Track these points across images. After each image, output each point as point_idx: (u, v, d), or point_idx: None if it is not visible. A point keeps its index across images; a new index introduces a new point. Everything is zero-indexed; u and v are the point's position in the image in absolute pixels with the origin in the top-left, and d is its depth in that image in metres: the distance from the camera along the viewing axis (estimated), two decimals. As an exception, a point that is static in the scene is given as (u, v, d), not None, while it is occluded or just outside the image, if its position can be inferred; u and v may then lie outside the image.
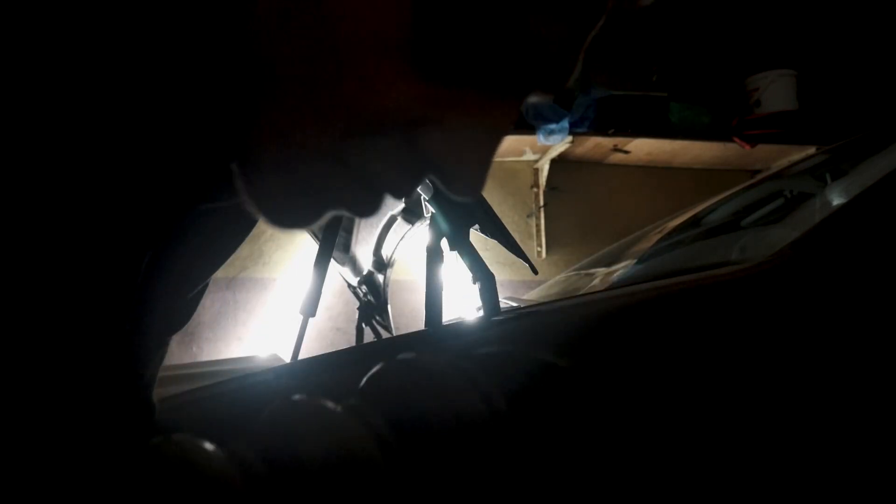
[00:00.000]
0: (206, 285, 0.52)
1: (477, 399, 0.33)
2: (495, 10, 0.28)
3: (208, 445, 0.29)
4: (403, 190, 0.32)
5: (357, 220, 1.13)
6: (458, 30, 0.28)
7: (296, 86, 0.28)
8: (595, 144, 2.89)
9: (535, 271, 0.86)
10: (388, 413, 0.32)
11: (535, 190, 3.03)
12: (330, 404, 0.32)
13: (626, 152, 2.97)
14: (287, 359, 1.18)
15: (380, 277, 1.21)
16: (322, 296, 1.04)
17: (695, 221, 1.39)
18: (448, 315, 0.75)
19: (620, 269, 1.30)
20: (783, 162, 2.95)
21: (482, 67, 0.29)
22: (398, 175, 0.31)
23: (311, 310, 1.04)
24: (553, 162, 2.94)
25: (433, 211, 0.77)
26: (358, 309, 1.28)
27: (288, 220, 0.32)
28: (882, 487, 0.56)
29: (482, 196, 0.78)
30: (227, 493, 0.28)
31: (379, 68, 0.28)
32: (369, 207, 0.32)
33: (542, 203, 2.99)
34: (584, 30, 0.31)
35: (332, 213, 0.32)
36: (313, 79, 0.27)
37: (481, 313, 0.71)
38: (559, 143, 2.77)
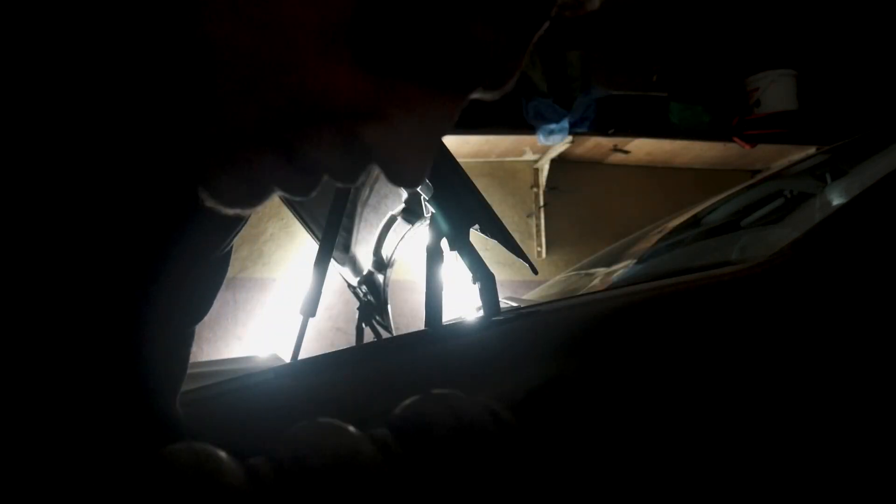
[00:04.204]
0: (222, 272, 0.52)
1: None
2: (436, 11, 0.29)
3: (225, 458, 0.29)
4: (348, 177, 0.33)
5: (357, 220, 1.13)
6: (399, 26, 0.29)
7: (241, 70, 0.28)
8: (595, 144, 2.89)
9: (535, 271, 0.86)
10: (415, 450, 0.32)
11: (535, 190, 3.03)
12: (357, 434, 0.32)
13: (626, 152, 2.97)
14: (287, 359, 1.18)
15: (380, 277, 1.21)
16: (322, 296, 1.04)
17: (695, 221, 1.39)
18: (448, 315, 0.75)
19: (620, 269, 1.30)
20: (783, 162, 2.95)
21: (423, 64, 0.30)
22: (342, 164, 0.32)
23: (311, 310, 1.04)
24: (553, 162, 2.94)
25: (433, 211, 0.77)
26: (358, 309, 1.28)
27: (231, 200, 0.33)
28: (882, 487, 0.56)
29: (482, 196, 0.78)
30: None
31: (319, 57, 0.29)
32: (308, 190, 0.34)
33: (542, 203, 2.99)
34: (526, 34, 0.32)
35: (273, 194, 0.34)
36: (257, 65, 0.28)
37: (481, 313, 0.71)
38: (559, 143, 2.77)
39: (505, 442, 0.33)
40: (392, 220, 1.07)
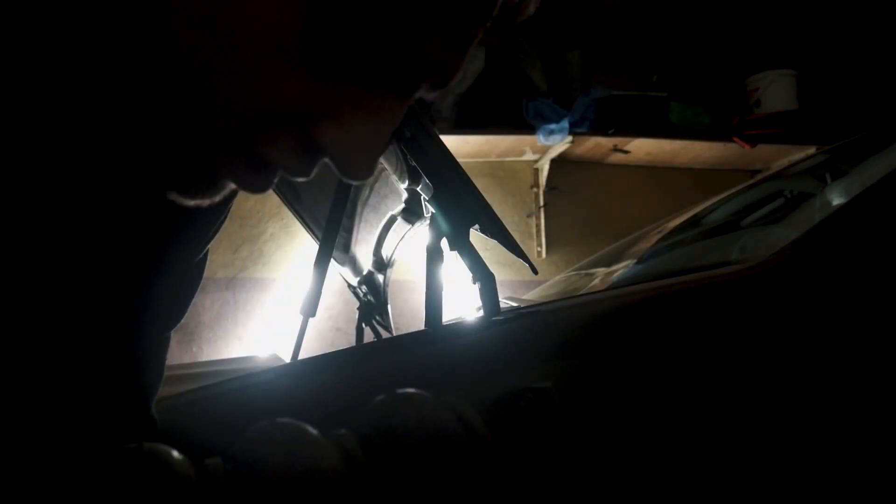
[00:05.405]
0: (198, 278, 0.52)
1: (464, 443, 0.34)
2: (381, 21, 0.31)
3: (178, 458, 0.30)
4: (302, 173, 0.35)
5: (357, 220, 1.13)
6: (346, 35, 0.31)
7: (206, 77, 0.31)
8: (595, 144, 2.89)
9: (535, 271, 0.86)
10: (370, 440, 0.33)
11: (535, 190, 3.03)
12: (314, 433, 0.32)
13: (626, 152, 2.97)
14: (287, 359, 1.18)
15: (380, 277, 1.21)
16: (322, 296, 1.04)
17: (695, 221, 1.39)
18: (448, 315, 0.75)
19: (620, 269, 1.30)
20: (783, 162, 2.95)
21: (370, 69, 0.33)
22: (296, 161, 0.35)
23: (311, 310, 1.04)
24: (553, 162, 2.94)
25: (433, 211, 0.77)
26: (358, 309, 1.28)
27: (191, 193, 0.35)
28: (882, 487, 0.56)
29: (482, 196, 0.78)
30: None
31: (274, 65, 0.31)
32: (265, 186, 0.36)
33: (542, 203, 2.98)
34: (465, 39, 0.35)
35: (229, 189, 0.36)
36: (220, 72, 0.30)
37: (481, 313, 0.71)
38: (559, 143, 2.77)
39: (475, 454, 0.33)
40: (392, 220, 1.07)
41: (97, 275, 0.40)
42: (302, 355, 1.13)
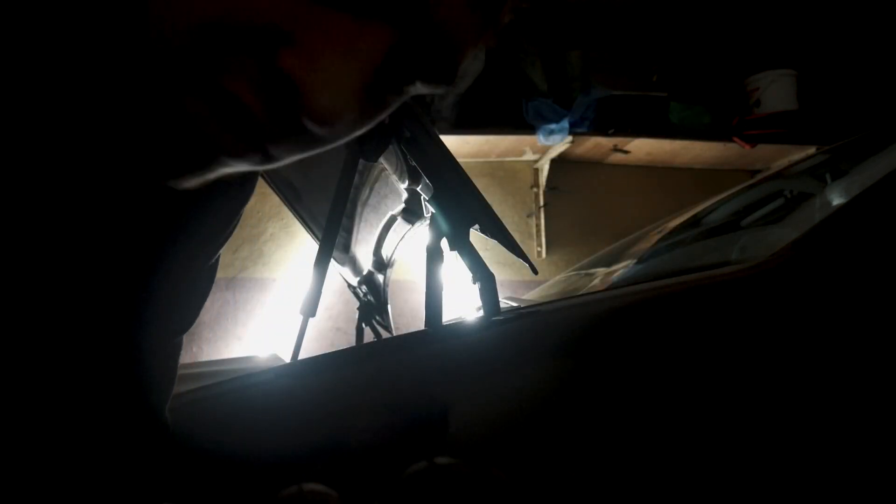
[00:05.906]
0: (209, 284, 0.52)
1: None
2: None
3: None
4: (271, 118, 0.31)
5: (357, 220, 1.13)
6: None
7: None
8: (595, 144, 2.89)
9: (535, 271, 0.86)
10: None
11: (535, 190, 3.03)
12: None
13: (626, 152, 2.97)
14: (287, 359, 1.18)
15: (380, 277, 1.21)
16: (322, 296, 1.04)
17: (695, 221, 1.39)
18: (448, 315, 0.75)
19: (620, 269, 1.30)
20: (783, 162, 2.95)
21: None
22: (262, 99, 0.31)
23: (311, 310, 1.04)
24: (553, 162, 2.94)
25: (433, 211, 0.77)
26: (358, 309, 1.28)
27: (178, 163, 0.32)
28: (882, 487, 0.56)
29: (482, 196, 0.78)
30: None
31: None
32: (240, 150, 0.32)
33: (542, 203, 2.99)
34: (472, 19, 0.32)
35: (217, 160, 0.32)
36: None
37: (481, 313, 0.71)
38: (559, 143, 2.77)
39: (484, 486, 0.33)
40: (392, 220, 1.07)
41: (94, 272, 0.40)
42: (302, 355, 1.13)
